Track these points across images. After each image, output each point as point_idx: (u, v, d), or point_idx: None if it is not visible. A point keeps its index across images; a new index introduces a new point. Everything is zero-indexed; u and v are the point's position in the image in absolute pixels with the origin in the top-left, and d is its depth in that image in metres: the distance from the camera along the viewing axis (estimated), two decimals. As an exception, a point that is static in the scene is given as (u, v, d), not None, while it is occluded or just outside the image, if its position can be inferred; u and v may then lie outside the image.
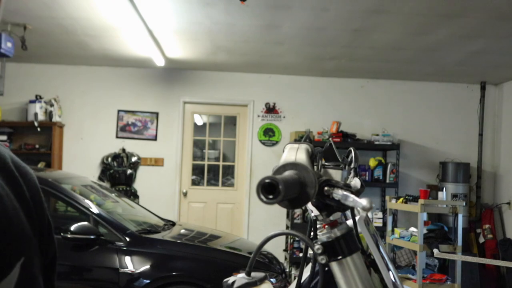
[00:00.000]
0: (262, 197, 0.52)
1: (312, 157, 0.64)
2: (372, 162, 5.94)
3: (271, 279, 3.52)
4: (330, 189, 0.64)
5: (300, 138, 5.86)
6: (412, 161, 6.31)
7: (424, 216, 4.50)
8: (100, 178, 6.09)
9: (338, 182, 0.65)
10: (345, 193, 0.63)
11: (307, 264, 0.77)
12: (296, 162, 0.57)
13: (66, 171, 5.48)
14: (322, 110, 6.30)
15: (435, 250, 3.99)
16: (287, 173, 0.57)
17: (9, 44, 4.27)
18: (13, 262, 0.49)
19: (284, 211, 6.07)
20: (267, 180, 0.52)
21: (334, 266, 0.72)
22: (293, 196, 0.55)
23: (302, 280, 0.78)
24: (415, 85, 6.39)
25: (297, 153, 0.61)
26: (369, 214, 0.80)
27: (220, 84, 6.32)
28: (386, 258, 0.78)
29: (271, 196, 0.52)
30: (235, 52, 5.26)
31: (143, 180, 6.20)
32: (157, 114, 6.28)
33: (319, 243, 0.72)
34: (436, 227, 4.79)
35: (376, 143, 5.93)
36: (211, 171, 6.50)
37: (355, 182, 0.70)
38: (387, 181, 5.92)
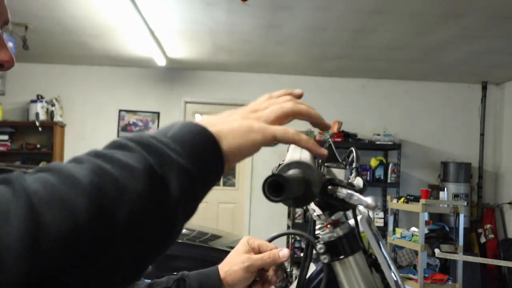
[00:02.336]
0: (268, 195, 0.52)
1: (316, 156, 0.65)
2: (373, 162, 5.93)
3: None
4: (334, 188, 0.64)
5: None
6: (413, 161, 6.31)
7: (425, 216, 4.50)
8: (101, 178, 6.09)
9: (342, 181, 0.65)
10: (349, 191, 0.63)
11: (309, 263, 0.77)
12: (301, 161, 0.57)
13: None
14: (323, 110, 6.25)
15: (437, 250, 3.99)
16: (292, 172, 0.57)
17: (10, 44, 4.27)
18: None
19: (285, 211, 6.07)
20: (273, 178, 0.52)
21: (337, 265, 0.72)
22: (298, 195, 0.55)
23: (304, 279, 0.78)
24: (416, 85, 6.39)
25: (302, 152, 0.61)
26: (371, 214, 0.80)
27: (221, 84, 6.32)
28: (387, 258, 0.78)
29: (277, 194, 0.52)
30: (236, 52, 5.26)
31: (144, 180, 6.20)
32: (158, 114, 6.28)
33: (321, 242, 0.72)
34: (437, 227, 4.78)
35: (377, 143, 5.93)
36: (212, 171, 6.50)
37: (358, 181, 0.70)
38: (388, 181, 5.92)
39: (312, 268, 0.81)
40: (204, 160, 0.45)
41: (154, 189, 0.40)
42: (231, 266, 0.82)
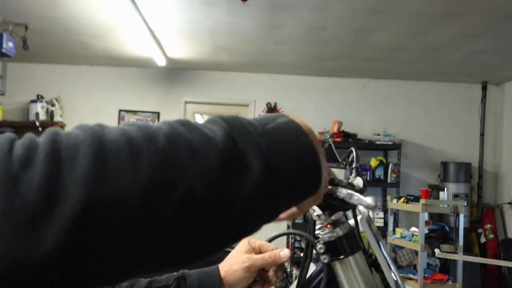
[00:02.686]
0: None
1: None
2: (373, 162, 5.93)
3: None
4: (334, 187, 0.65)
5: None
6: (413, 161, 6.30)
7: (425, 216, 4.50)
8: (101, 178, 6.09)
9: (342, 181, 0.66)
10: (349, 191, 0.63)
11: (309, 263, 0.77)
12: None
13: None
14: (323, 110, 6.29)
15: (437, 250, 3.99)
16: None
17: (10, 44, 4.27)
18: None
19: (285, 211, 6.06)
20: None
21: (336, 265, 0.72)
22: None
23: (304, 279, 0.78)
24: (416, 85, 6.39)
25: None
26: (371, 214, 0.80)
27: (221, 84, 6.32)
28: (387, 258, 0.78)
29: None
30: (236, 52, 5.26)
31: (144, 180, 6.20)
32: (158, 114, 6.28)
33: (321, 242, 0.72)
34: (437, 227, 4.78)
35: (377, 143, 5.92)
36: (212, 171, 6.50)
37: (358, 181, 0.70)
38: (388, 181, 5.92)
39: (312, 268, 0.81)
40: (294, 168, 0.43)
41: (227, 171, 0.38)
42: (231, 265, 0.82)
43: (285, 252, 0.82)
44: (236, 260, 0.82)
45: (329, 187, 0.65)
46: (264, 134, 0.42)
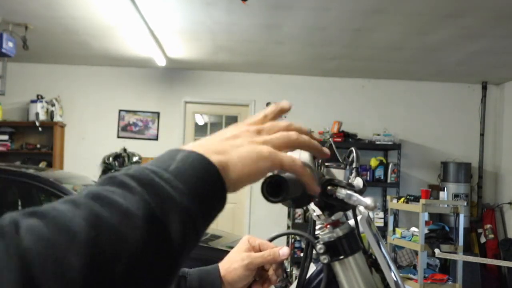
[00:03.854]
0: (267, 196, 0.52)
1: (315, 157, 0.65)
2: (373, 162, 5.93)
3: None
4: (333, 188, 0.65)
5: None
6: (413, 161, 6.31)
7: (425, 216, 4.50)
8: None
9: (341, 182, 0.66)
10: (348, 192, 0.63)
11: (309, 264, 0.77)
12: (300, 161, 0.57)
13: (68, 170, 5.48)
14: (323, 110, 6.30)
15: (437, 250, 3.99)
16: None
17: (10, 44, 4.27)
18: None
19: (285, 210, 6.07)
20: (272, 179, 0.52)
21: (336, 265, 0.72)
22: (297, 195, 0.55)
23: (304, 280, 0.78)
24: (416, 85, 6.39)
25: (301, 153, 0.61)
26: (370, 214, 0.80)
27: (221, 84, 6.32)
28: (387, 258, 0.78)
29: (276, 195, 0.52)
30: (236, 52, 5.26)
31: (144, 180, 6.19)
32: (158, 114, 6.28)
33: (321, 242, 0.72)
34: (437, 227, 4.79)
35: (377, 143, 5.93)
36: (212, 171, 6.49)
37: (357, 181, 0.70)
38: (388, 181, 5.92)
39: (312, 268, 0.81)
40: (207, 198, 0.44)
41: (155, 236, 0.38)
42: (231, 263, 0.83)
43: (284, 250, 0.82)
44: (235, 258, 0.83)
45: (329, 187, 0.65)
46: (171, 180, 0.42)
